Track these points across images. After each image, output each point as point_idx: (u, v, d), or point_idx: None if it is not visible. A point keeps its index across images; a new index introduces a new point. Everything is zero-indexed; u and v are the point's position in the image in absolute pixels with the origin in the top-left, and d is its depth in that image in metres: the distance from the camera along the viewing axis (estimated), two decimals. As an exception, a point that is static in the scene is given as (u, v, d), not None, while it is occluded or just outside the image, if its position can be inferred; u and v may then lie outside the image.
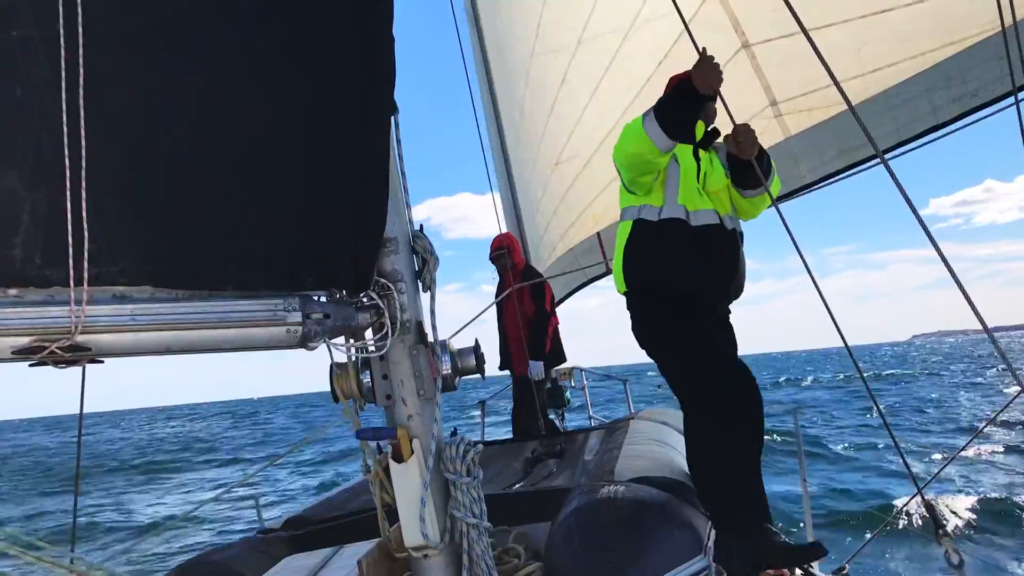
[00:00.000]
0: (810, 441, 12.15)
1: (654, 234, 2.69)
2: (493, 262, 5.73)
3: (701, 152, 2.73)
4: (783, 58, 4.14)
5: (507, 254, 5.59)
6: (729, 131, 2.65)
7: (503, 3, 5.95)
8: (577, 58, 5.27)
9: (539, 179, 6.73)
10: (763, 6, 3.99)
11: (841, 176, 4.40)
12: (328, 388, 1.62)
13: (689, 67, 2.42)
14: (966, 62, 3.61)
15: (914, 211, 1.94)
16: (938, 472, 3.43)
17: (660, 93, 2.64)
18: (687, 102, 2.43)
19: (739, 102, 4.17)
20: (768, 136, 4.46)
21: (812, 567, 2.46)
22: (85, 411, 1.94)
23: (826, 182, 4.45)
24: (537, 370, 5.32)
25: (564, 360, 5.83)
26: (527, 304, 5.38)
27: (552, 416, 5.94)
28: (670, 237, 2.65)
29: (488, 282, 6.11)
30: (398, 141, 1.60)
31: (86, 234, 1.16)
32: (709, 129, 2.78)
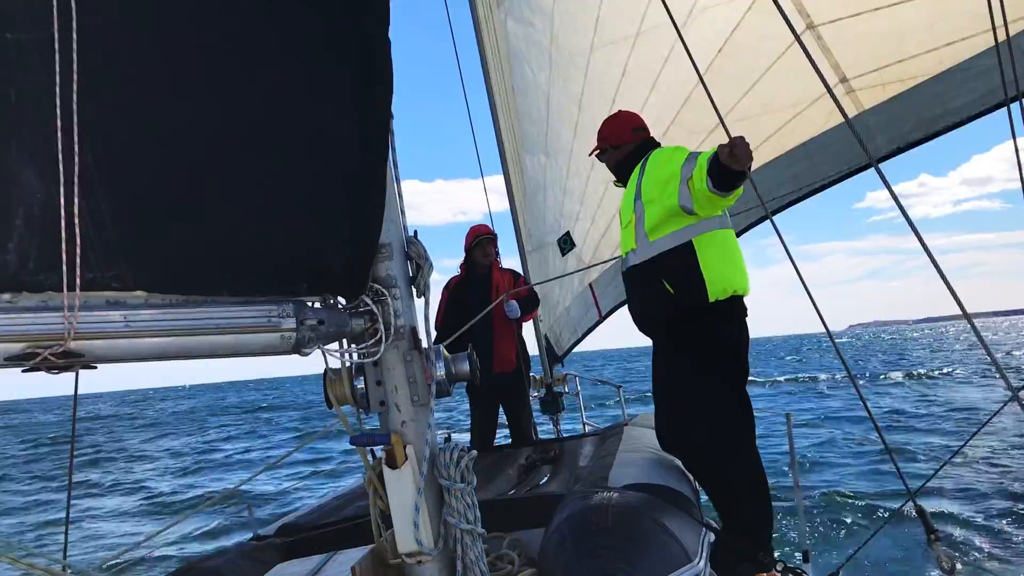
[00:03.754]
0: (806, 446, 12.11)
1: None
2: (472, 251, 4.98)
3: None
4: (852, 36, 4.14)
5: (495, 241, 5.04)
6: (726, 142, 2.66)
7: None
8: (637, 49, 5.16)
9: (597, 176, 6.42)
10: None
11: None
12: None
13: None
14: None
15: (902, 210, 1.96)
16: (930, 477, 3.43)
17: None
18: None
19: (805, 84, 4.23)
20: (838, 114, 4.41)
21: (805, 572, 2.47)
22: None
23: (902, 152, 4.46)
24: (513, 310, 4.92)
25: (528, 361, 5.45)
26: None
27: (542, 420, 5.78)
28: None
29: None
30: (392, 148, 1.60)
31: (78, 240, 1.15)
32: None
